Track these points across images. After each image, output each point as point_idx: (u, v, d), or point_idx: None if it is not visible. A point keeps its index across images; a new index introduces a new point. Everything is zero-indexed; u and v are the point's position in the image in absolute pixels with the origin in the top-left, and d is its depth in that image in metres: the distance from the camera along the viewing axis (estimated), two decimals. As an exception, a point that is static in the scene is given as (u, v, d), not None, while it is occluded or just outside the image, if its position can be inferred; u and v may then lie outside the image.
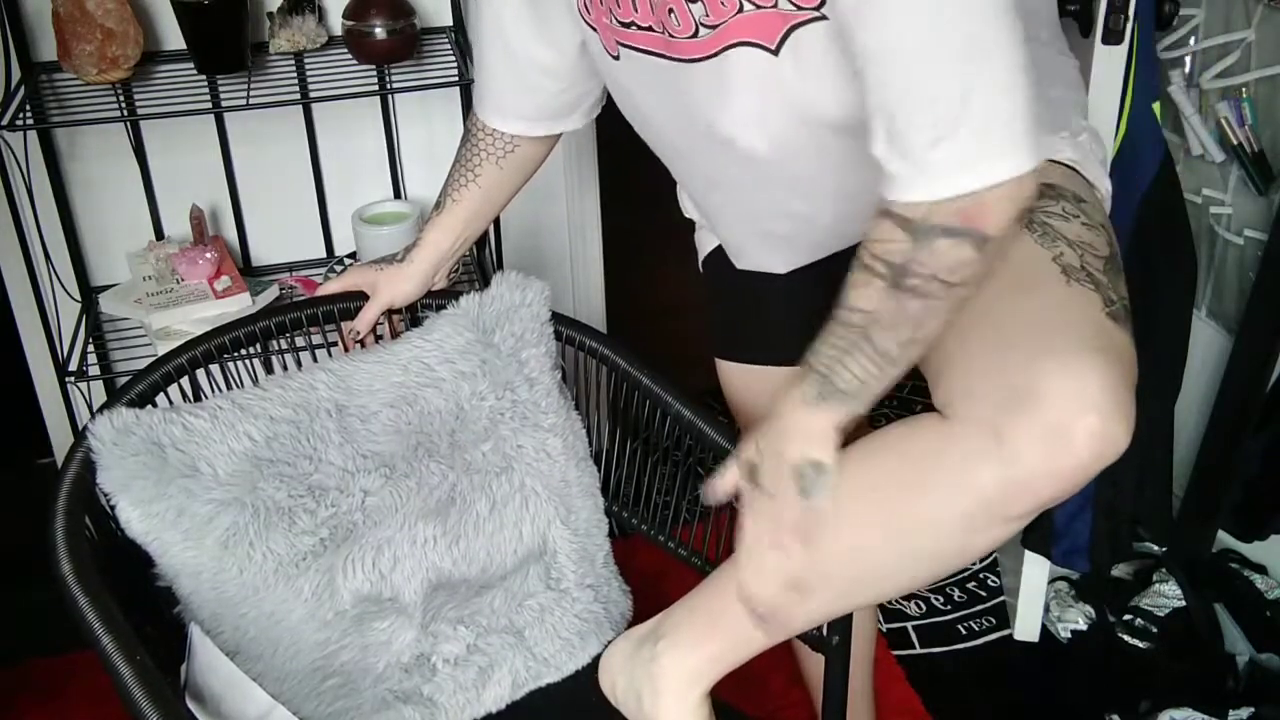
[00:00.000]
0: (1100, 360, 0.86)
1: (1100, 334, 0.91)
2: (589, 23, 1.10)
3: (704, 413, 1.29)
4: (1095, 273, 0.97)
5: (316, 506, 1.18)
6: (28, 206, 1.73)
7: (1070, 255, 0.97)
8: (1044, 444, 0.85)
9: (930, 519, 0.93)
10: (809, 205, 1.16)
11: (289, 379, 1.23)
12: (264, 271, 2.02)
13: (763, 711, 1.75)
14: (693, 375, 1.40)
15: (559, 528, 1.31)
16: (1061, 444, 0.85)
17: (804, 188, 1.13)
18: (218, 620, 1.14)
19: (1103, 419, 0.84)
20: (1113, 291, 0.96)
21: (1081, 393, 0.84)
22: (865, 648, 1.57)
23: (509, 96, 1.28)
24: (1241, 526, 1.86)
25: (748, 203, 1.19)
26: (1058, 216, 1.01)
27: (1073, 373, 0.85)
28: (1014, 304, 0.94)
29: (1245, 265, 1.84)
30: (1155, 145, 1.70)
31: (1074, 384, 0.85)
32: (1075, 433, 0.84)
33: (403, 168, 2.02)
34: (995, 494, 0.89)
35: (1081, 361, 0.86)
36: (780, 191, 1.14)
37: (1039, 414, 0.85)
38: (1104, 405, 0.84)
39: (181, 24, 1.74)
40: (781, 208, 1.17)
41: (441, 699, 1.22)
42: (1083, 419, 0.84)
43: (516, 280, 1.34)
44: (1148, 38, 1.65)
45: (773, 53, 0.98)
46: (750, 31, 0.98)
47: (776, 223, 1.21)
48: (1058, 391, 0.85)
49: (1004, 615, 2.03)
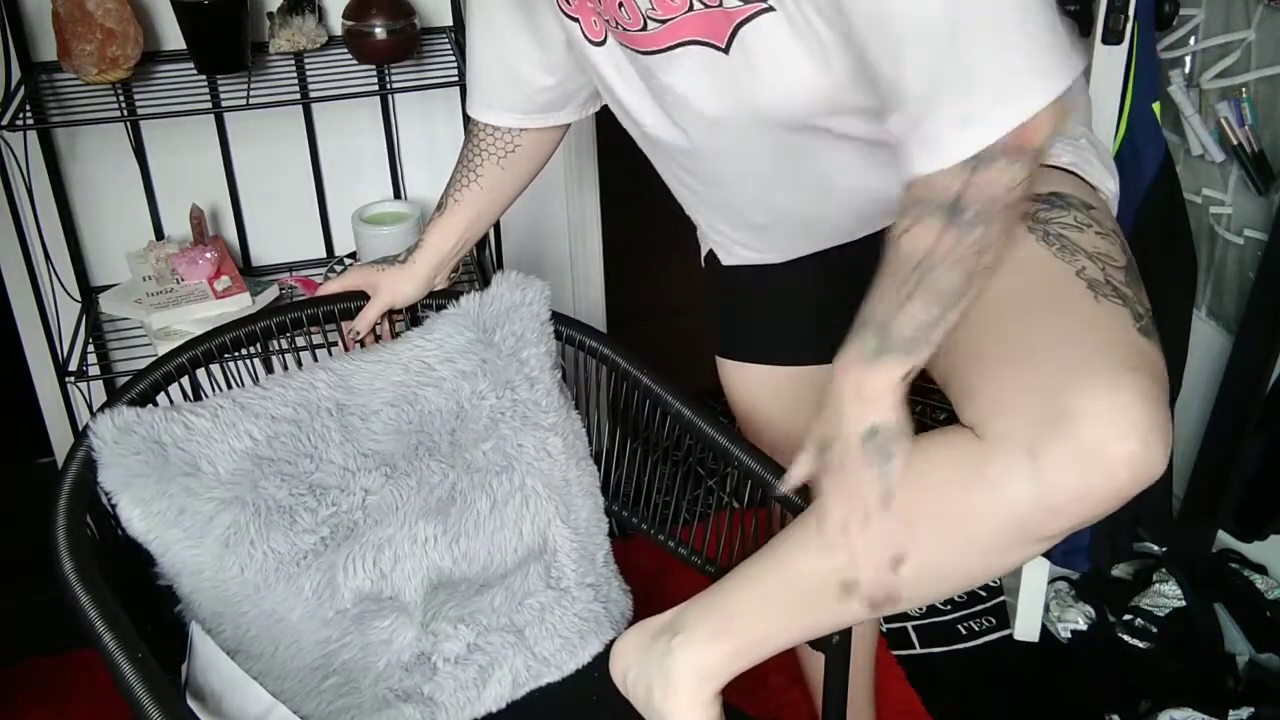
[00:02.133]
0: (1138, 381, 0.85)
1: (1134, 352, 0.89)
2: (569, 14, 1.10)
3: (704, 413, 1.29)
4: (1119, 285, 0.96)
5: (317, 505, 1.18)
6: (28, 206, 1.73)
7: (1093, 269, 0.96)
8: (1081, 467, 0.84)
9: (960, 537, 0.92)
10: (786, 196, 1.15)
11: (290, 378, 1.23)
12: (264, 271, 2.02)
13: (763, 711, 1.75)
14: (693, 375, 1.40)
15: (559, 527, 1.31)
16: (1099, 468, 0.83)
17: (778, 180, 1.13)
18: (218, 619, 1.14)
19: (1143, 444, 0.83)
20: (1139, 305, 0.95)
21: (1121, 417, 0.83)
22: (867, 649, 1.56)
23: (498, 90, 1.28)
24: (1241, 526, 1.86)
25: (723, 195, 1.19)
26: (1072, 227, 1.00)
27: (1111, 396, 0.84)
28: (1045, 322, 0.92)
29: (1245, 265, 1.84)
30: (1155, 145, 1.70)
31: (1113, 407, 0.83)
32: (1114, 458, 0.83)
33: (403, 168, 2.02)
34: (1028, 515, 0.87)
35: (1119, 383, 0.84)
36: (752, 185, 1.15)
37: (1076, 437, 0.83)
38: (1144, 430, 0.83)
39: (181, 24, 1.74)
40: (758, 200, 1.17)
41: (442, 698, 1.22)
42: (1123, 445, 0.83)
43: (517, 280, 1.34)
44: (1148, 38, 1.65)
45: (723, 51, 0.98)
46: (700, 30, 0.98)
47: (755, 214, 1.21)
48: (1096, 414, 0.83)
49: (1004, 615, 2.03)
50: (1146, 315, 0.95)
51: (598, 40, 1.09)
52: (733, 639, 1.06)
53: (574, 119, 1.32)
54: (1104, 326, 0.91)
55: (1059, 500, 0.86)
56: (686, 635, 1.08)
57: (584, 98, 1.30)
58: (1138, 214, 1.71)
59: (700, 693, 1.07)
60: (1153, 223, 1.72)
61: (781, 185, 1.14)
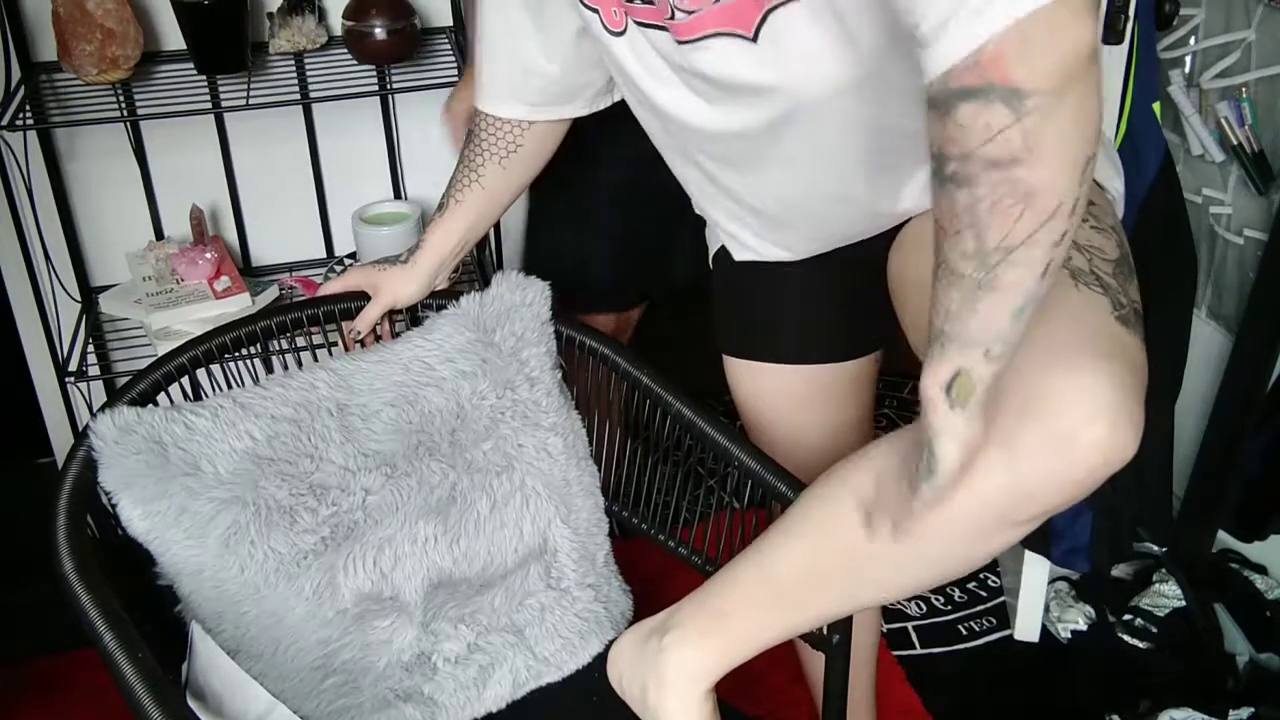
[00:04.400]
0: (1109, 367, 0.85)
1: (1109, 339, 0.90)
2: (588, 4, 1.10)
3: (704, 413, 1.29)
4: (1104, 276, 0.96)
5: (318, 505, 1.18)
6: (28, 206, 1.74)
7: (1079, 259, 0.96)
8: (1050, 452, 0.84)
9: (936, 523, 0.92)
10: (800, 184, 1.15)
11: (290, 378, 1.23)
12: (264, 271, 2.02)
13: (763, 711, 1.75)
14: (693, 375, 1.40)
15: (559, 527, 1.31)
16: (1068, 452, 0.84)
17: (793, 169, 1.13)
18: (219, 619, 1.14)
19: (1110, 428, 0.83)
20: (1122, 295, 0.95)
21: (1090, 401, 0.83)
22: (868, 649, 1.57)
23: (509, 82, 1.28)
24: (1241, 526, 1.86)
25: (739, 182, 1.19)
26: None
27: (1081, 380, 0.84)
28: None
29: (1245, 265, 1.84)
30: (1155, 145, 1.70)
31: (1082, 392, 0.84)
32: (1082, 441, 0.83)
33: (403, 168, 2.02)
34: (1002, 500, 0.88)
35: (1090, 368, 0.84)
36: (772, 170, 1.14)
37: (1046, 421, 0.84)
38: (1111, 414, 0.83)
39: (181, 24, 1.74)
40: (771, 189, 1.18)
41: (442, 698, 1.22)
42: (1090, 428, 0.83)
43: (517, 280, 1.34)
44: (1148, 38, 1.65)
45: (751, 40, 0.98)
46: (727, 22, 0.98)
47: (766, 203, 1.21)
48: (1065, 399, 0.84)
49: (1004, 615, 2.03)
50: (1130, 306, 0.95)
51: (618, 30, 1.09)
52: (721, 637, 1.07)
53: (583, 113, 1.32)
54: (1079, 314, 0.91)
55: (1031, 485, 0.86)
56: (677, 634, 1.09)
57: (591, 93, 1.30)
58: (1138, 214, 1.71)
59: (692, 690, 1.08)
60: (1153, 223, 1.72)
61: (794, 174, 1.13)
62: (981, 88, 0.74)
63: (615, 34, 1.10)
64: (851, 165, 1.11)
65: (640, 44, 1.09)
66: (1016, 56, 0.73)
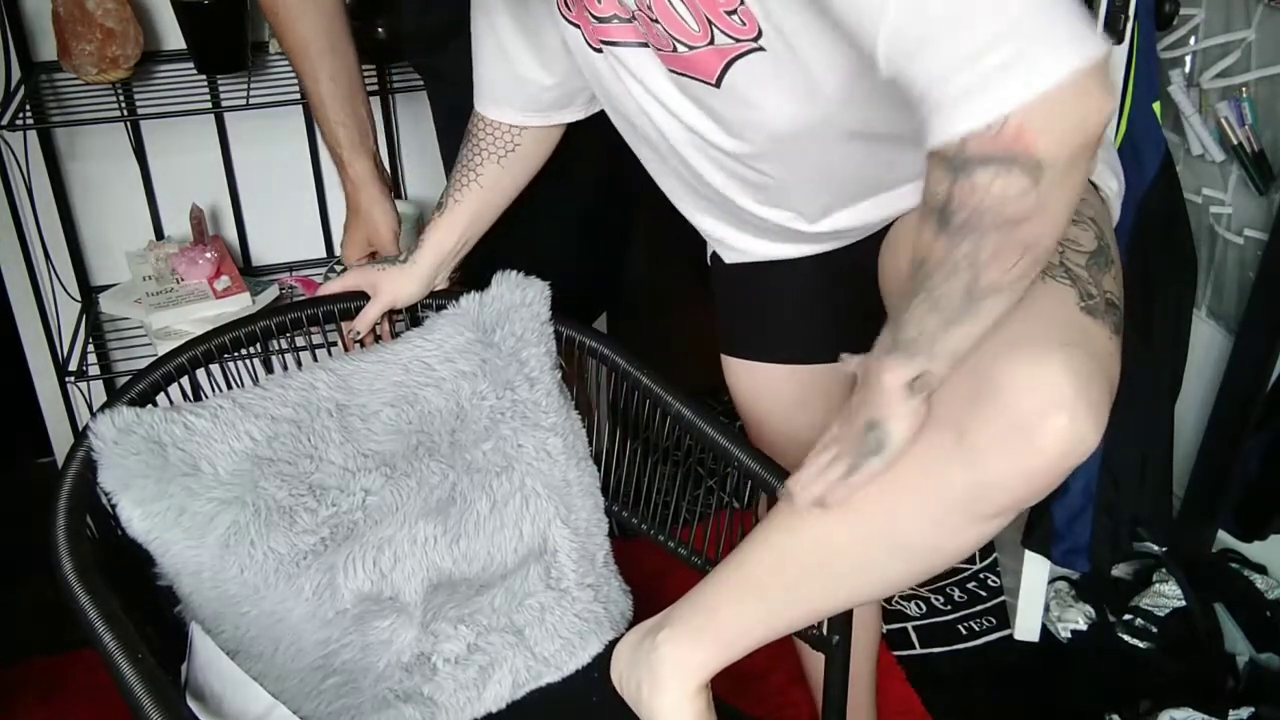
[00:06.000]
0: (1068, 355, 0.83)
1: (1071, 328, 0.88)
2: (570, 20, 1.10)
3: (704, 413, 1.29)
4: (1074, 268, 0.94)
5: (317, 505, 1.18)
6: (28, 206, 1.74)
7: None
8: (1008, 444, 0.83)
9: (899, 519, 0.92)
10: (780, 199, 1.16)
11: (289, 378, 1.23)
12: (264, 271, 2.02)
13: (763, 711, 1.75)
14: (693, 375, 1.40)
15: (559, 527, 1.31)
16: (1026, 443, 0.82)
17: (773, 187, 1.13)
18: (218, 619, 1.14)
19: (1071, 418, 0.81)
20: (1092, 286, 0.94)
21: (1047, 390, 0.82)
22: (868, 649, 1.57)
23: (503, 88, 1.29)
24: (1241, 526, 1.86)
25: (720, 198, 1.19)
26: None
27: (1038, 369, 0.82)
28: None
29: (1245, 265, 1.84)
30: (1155, 145, 1.70)
31: (1039, 381, 0.82)
32: (1041, 432, 0.82)
33: (403, 168, 2.02)
34: (964, 495, 0.87)
35: (1047, 357, 0.83)
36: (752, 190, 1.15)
37: (1002, 412, 0.83)
38: (1072, 403, 0.81)
39: (181, 24, 1.74)
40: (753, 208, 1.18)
41: (442, 698, 1.22)
42: (1049, 418, 0.81)
43: (517, 280, 1.34)
44: (1148, 37, 1.65)
45: (714, 86, 1.00)
46: (689, 68, 1.00)
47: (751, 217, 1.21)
48: (1021, 388, 0.82)
49: (1004, 615, 2.03)
50: (1101, 297, 0.93)
51: (598, 47, 1.10)
52: (711, 635, 1.08)
53: (579, 117, 1.33)
54: (1043, 303, 0.89)
55: (991, 476, 0.85)
56: (669, 632, 1.10)
57: (587, 97, 1.30)
58: (1138, 214, 1.71)
59: (686, 687, 1.09)
60: (1153, 222, 1.72)
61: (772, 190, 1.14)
62: (1002, 156, 0.76)
63: (596, 50, 1.11)
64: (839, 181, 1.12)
65: (615, 64, 1.10)
66: (1041, 128, 0.75)
